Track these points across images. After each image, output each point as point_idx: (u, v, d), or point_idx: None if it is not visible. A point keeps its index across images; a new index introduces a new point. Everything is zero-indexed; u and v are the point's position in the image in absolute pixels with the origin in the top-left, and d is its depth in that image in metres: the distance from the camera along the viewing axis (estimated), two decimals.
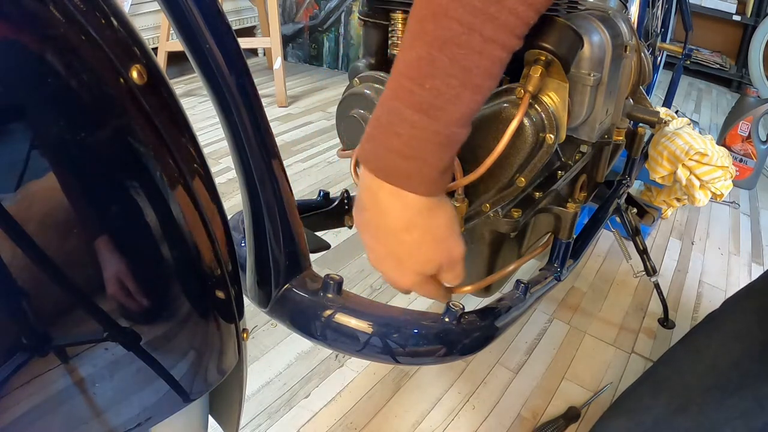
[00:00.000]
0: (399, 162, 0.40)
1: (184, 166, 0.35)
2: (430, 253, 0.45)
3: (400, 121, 0.39)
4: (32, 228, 0.28)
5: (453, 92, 0.38)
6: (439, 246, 0.45)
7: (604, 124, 0.69)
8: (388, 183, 0.41)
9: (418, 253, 0.45)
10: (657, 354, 1.14)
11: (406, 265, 0.45)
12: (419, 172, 0.40)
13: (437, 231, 0.44)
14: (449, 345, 0.53)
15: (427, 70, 0.38)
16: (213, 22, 0.38)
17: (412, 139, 0.39)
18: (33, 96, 0.28)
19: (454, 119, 0.39)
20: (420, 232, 0.43)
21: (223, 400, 0.51)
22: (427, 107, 0.38)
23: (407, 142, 0.39)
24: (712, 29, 3.37)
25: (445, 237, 0.45)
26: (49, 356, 0.31)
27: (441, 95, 0.38)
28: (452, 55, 0.37)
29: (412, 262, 0.45)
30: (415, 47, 0.38)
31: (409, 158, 0.40)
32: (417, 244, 0.44)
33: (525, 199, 0.68)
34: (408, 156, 0.40)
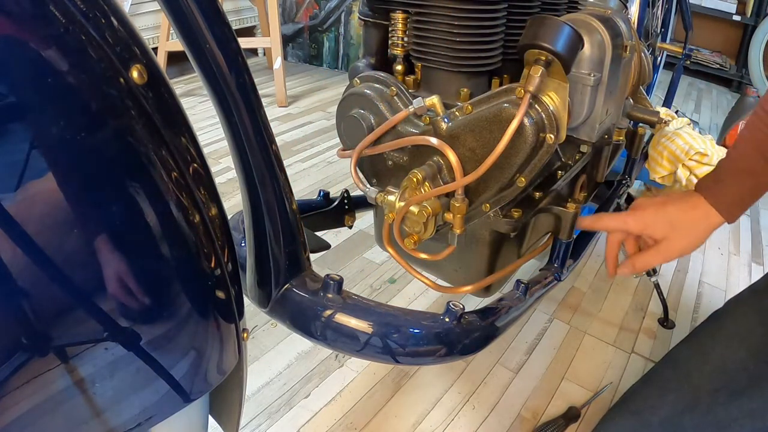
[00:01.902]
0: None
1: (184, 166, 0.35)
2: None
3: None
4: (32, 228, 0.28)
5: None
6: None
7: (604, 124, 0.69)
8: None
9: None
10: (657, 354, 1.14)
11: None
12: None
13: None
14: (449, 345, 0.53)
15: None
16: (213, 22, 0.38)
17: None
18: (33, 96, 0.28)
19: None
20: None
21: (223, 400, 0.51)
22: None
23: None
24: (712, 29, 3.36)
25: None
26: (49, 356, 0.31)
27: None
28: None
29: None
30: None
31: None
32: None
33: (525, 199, 0.68)
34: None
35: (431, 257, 0.64)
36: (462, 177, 0.57)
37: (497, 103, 0.55)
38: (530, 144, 0.54)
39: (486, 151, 0.56)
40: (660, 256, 0.66)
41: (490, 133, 0.56)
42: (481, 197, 0.60)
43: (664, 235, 0.65)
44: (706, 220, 0.66)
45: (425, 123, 0.60)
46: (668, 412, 0.61)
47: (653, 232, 0.66)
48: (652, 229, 0.66)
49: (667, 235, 0.65)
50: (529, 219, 0.70)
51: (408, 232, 0.60)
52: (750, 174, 0.63)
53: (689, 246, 0.66)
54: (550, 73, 0.53)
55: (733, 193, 0.64)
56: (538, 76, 0.52)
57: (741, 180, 0.64)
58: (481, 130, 0.56)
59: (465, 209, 0.59)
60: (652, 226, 0.66)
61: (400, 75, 0.67)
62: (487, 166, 0.54)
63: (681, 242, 0.65)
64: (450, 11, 0.59)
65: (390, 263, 1.33)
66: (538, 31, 0.51)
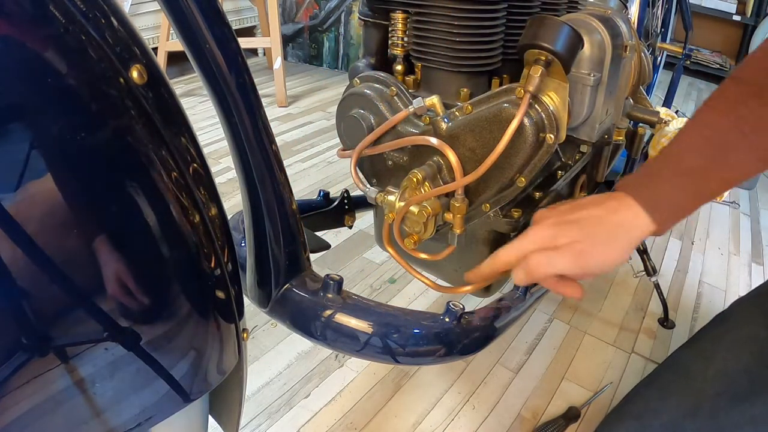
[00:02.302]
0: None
1: (184, 166, 0.35)
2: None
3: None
4: (32, 228, 0.28)
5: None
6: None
7: (604, 124, 0.69)
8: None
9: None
10: (657, 354, 1.14)
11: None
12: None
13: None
14: (449, 345, 0.53)
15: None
16: (213, 22, 0.38)
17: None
18: (33, 96, 0.28)
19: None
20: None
21: (223, 400, 0.51)
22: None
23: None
24: (712, 29, 3.36)
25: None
26: (49, 356, 0.31)
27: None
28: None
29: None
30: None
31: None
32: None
33: (525, 199, 0.68)
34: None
35: (431, 257, 0.64)
36: (462, 177, 0.57)
37: (497, 103, 0.55)
38: (530, 144, 0.54)
39: (486, 151, 0.56)
40: (569, 257, 0.49)
41: (490, 133, 0.56)
42: (481, 197, 0.60)
43: (574, 239, 0.50)
44: (633, 225, 0.50)
45: (425, 123, 0.60)
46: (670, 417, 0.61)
47: (558, 242, 0.50)
48: (556, 240, 0.50)
49: (579, 239, 0.50)
50: (529, 219, 0.70)
51: (408, 232, 0.60)
52: (694, 175, 0.50)
53: (610, 259, 0.50)
54: (550, 73, 0.53)
55: (672, 196, 0.50)
56: (538, 76, 0.52)
57: (682, 182, 0.50)
58: (481, 130, 0.56)
59: (465, 209, 0.59)
60: (553, 237, 0.50)
61: (400, 75, 0.67)
62: (487, 166, 0.54)
63: (599, 252, 0.50)
64: (450, 11, 0.59)
65: (390, 263, 1.33)
66: (538, 31, 0.51)
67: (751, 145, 0.49)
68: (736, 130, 0.50)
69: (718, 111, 0.51)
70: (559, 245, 0.50)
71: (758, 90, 0.50)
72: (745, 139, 0.49)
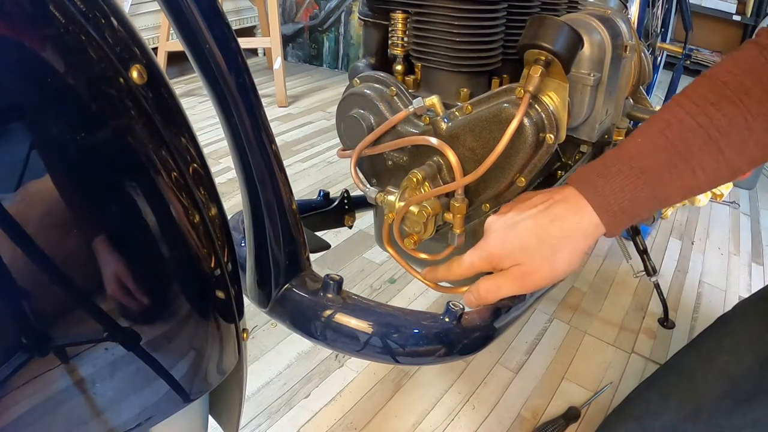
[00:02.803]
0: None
1: (184, 166, 0.35)
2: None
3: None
4: (32, 228, 0.28)
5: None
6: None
7: (604, 124, 0.69)
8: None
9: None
10: (657, 354, 1.14)
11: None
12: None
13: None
14: (449, 345, 0.53)
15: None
16: (213, 22, 0.38)
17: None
18: (33, 96, 0.28)
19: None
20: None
21: (223, 400, 0.51)
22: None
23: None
24: (712, 29, 3.36)
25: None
26: (49, 356, 0.31)
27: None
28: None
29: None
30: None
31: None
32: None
33: None
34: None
35: (431, 257, 0.64)
36: (462, 177, 0.57)
37: (497, 103, 0.55)
38: (530, 144, 0.54)
39: (486, 151, 0.56)
40: (515, 283, 0.49)
41: (490, 133, 0.56)
42: (481, 197, 0.60)
43: (516, 263, 0.49)
44: (580, 231, 0.47)
45: (425, 123, 0.60)
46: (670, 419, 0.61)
47: (503, 264, 0.50)
48: (502, 262, 0.50)
49: (521, 261, 0.49)
50: None
51: (408, 232, 0.60)
52: (651, 178, 0.46)
53: (557, 272, 0.49)
54: (549, 73, 0.53)
55: (624, 197, 0.46)
56: (537, 76, 0.52)
57: (637, 183, 0.46)
58: (481, 130, 0.56)
59: (465, 209, 0.59)
60: (500, 258, 0.50)
61: (400, 75, 0.67)
62: (487, 166, 0.54)
63: (544, 269, 0.48)
64: (450, 11, 0.59)
65: (390, 263, 1.33)
66: (538, 31, 0.51)
67: (719, 150, 0.45)
68: (702, 132, 0.45)
69: (686, 109, 0.46)
70: (504, 268, 0.50)
71: (733, 92, 0.45)
72: (713, 144, 0.45)
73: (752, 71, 0.45)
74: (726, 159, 0.46)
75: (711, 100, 0.46)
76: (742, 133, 0.45)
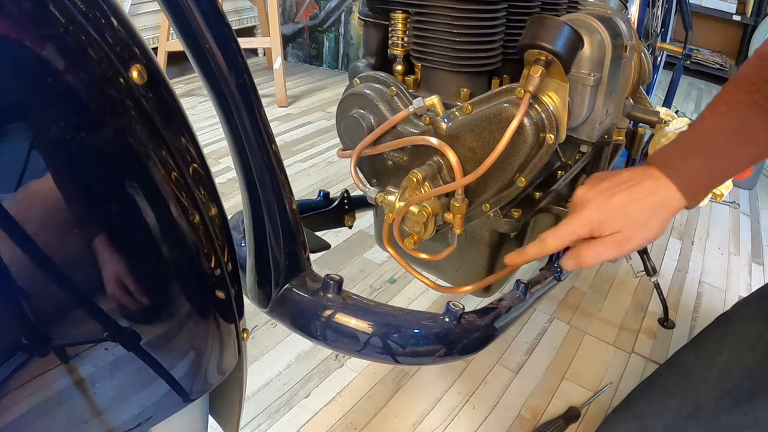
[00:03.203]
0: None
1: (184, 166, 0.35)
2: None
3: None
4: (32, 228, 0.28)
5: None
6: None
7: (604, 124, 0.69)
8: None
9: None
10: (657, 354, 1.14)
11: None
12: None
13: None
14: (449, 345, 0.53)
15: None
16: (213, 22, 0.38)
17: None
18: (33, 96, 0.28)
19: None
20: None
21: (223, 400, 0.51)
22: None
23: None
24: (712, 29, 3.36)
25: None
26: (50, 356, 0.31)
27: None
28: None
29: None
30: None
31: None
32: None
33: (525, 199, 0.68)
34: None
35: (431, 257, 0.64)
36: (462, 177, 0.57)
37: (497, 103, 0.55)
38: (530, 144, 0.54)
39: (486, 151, 0.56)
40: (614, 248, 0.56)
41: (490, 133, 0.56)
42: (481, 197, 0.60)
43: (617, 230, 0.55)
44: (667, 203, 0.56)
45: (425, 123, 0.60)
46: (671, 418, 0.61)
47: (604, 231, 0.56)
48: (603, 228, 0.55)
49: (621, 228, 0.55)
50: (529, 219, 0.70)
51: (408, 232, 0.60)
52: (722, 154, 0.54)
53: (649, 237, 0.56)
54: (550, 73, 0.53)
55: (703, 174, 0.55)
56: (537, 76, 0.52)
57: (711, 160, 0.55)
58: (481, 130, 0.56)
59: (465, 209, 0.59)
60: (600, 224, 0.56)
61: (400, 75, 0.67)
62: (487, 166, 0.54)
63: (640, 235, 0.55)
64: (450, 11, 0.59)
65: (390, 263, 1.33)
66: (538, 31, 0.51)
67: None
68: (759, 108, 0.52)
69: (743, 89, 0.54)
70: (604, 235, 0.55)
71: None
72: (767, 117, 0.52)
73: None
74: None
75: (765, 77, 0.53)
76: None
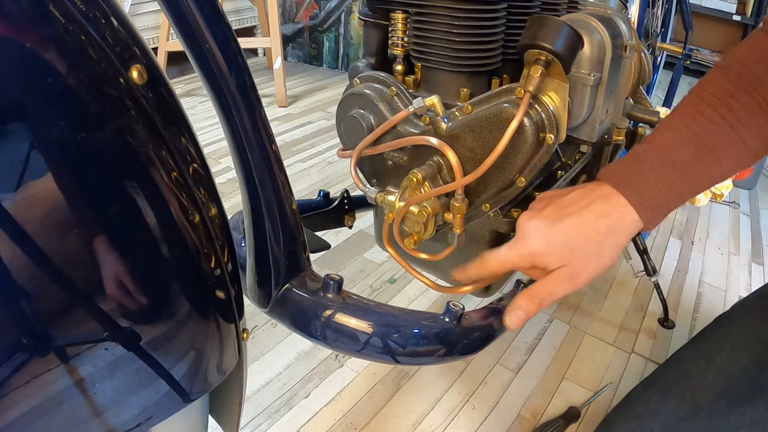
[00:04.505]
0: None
1: (184, 166, 0.35)
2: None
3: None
4: (32, 228, 0.28)
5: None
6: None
7: (604, 124, 0.69)
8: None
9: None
10: (657, 354, 1.14)
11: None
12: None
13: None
14: (449, 345, 0.53)
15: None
16: (213, 22, 0.38)
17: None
18: (33, 96, 0.28)
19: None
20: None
21: (223, 400, 0.51)
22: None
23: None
24: (712, 29, 3.36)
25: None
26: (49, 356, 0.31)
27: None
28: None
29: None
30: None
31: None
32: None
33: (525, 199, 0.68)
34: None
35: (431, 257, 0.64)
36: (462, 177, 0.57)
37: (497, 103, 0.55)
38: (530, 144, 0.54)
39: (486, 151, 0.56)
40: (566, 284, 0.49)
41: (490, 133, 0.56)
42: (481, 197, 0.60)
43: (563, 263, 0.49)
44: (622, 226, 0.49)
45: (425, 123, 0.60)
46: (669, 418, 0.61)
47: (549, 264, 0.49)
48: (547, 261, 0.49)
49: (569, 261, 0.48)
50: None
51: (408, 232, 0.60)
52: (683, 171, 0.48)
53: (603, 266, 0.49)
54: (550, 73, 0.53)
55: (659, 191, 0.48)
56: (537, 76, 0.52)
57: (670, 177, 0.48)
58: (481, 130, 0.56)
59: (465, 209, 0.59)
60: (543, 257, 0.49)
61: (400, 75, 0.67)
62: (486, 166, 0.54)
63: (590, 267, 0.48)
64: (450, 11, 0.59)
65: (390, 263, 1.33)
66: (538, 31, 0.51)
67: (740, 139, 0.48)
68: (725, 123, 0.48)
69: (707, 102, 0.49)
70: (550, 268, 0.49)
71: (748, 83, 0.48)
72: (735, 134, 0.48)
73: (762, 60, 0.49)
74: (747, 146, 0.49)
75: (729, 91, 0.49)
76: (759, 121, 0.48)
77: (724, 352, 0.63)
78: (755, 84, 0.48)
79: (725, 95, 0.49)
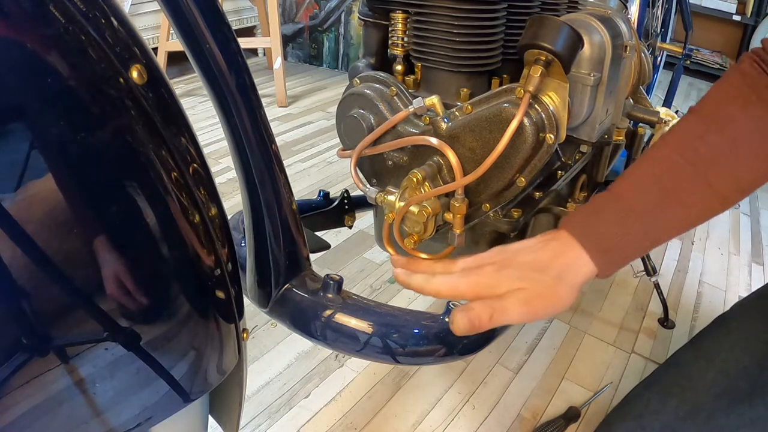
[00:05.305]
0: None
1: (184, 166, 0.35)
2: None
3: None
4: (32, 228, 0.28)
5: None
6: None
7: (604, 124, 0.69)
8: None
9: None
10: (657, 354, 1.14)
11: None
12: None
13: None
14: (449, 345, 0.53)
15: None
16: (213, 22, 0.38)
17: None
18: (33, 96, 0.28)
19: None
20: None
21: (223, 400, 0.51)
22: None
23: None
24: (712, 29, 3.36)
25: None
26: (49, 356, 0.31)
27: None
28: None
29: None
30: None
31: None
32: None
33: (525, 199, 0.68)
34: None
35: (431, 257, 0.64)
36: (462, 177, 0.57)
37: (497, 103, 0.55)
38: (530, 144, 0.54)
39: (486, 151, 0.56)
40: (521, 306, 0.46)
41: (490, 133, 0.56)
42: (481, 197, 0.60)
43: (520, 287, 0.46)
44: (575, 267, 0.47)
45: (425, 123, 0.60)
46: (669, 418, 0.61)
47: (496, 291, 0.47)
48: (496, 289, 0.47)
49: (526, 285, 0.46)
50: (529, 219, 0.70)
51: (408, 232, 0.60)
52: (643, 216, 0.46)
53: (558, 302, 0.46)
54: (549, 73, 0.53)
55: (618, 238, 0.46)
56: (538, 76, 0.52)
57: (629, 223, 0.46)
58: (481, 130, 0.56)
59: (465, 209, 0.59)
60: (491, 287, 0.47)
61: (400, 75, 0.67)
62: (486, 166, 0.54)
63: (549, 297, 0.46)
64: (450, 11, 0.59)
65: (390, 263, 1.33)
66: (538, 31, 0.51)
67: (707, 183, 0.46)
68: (689, 167, 0.46)
69: (673, 146, 0.48)
70: (501, 293, 0.46)
71: (719, 123, 0.46)
72: (700, 177, 0.46)
73: (735, 99, 0.47)
74: (714, 191, 0.46)
75: (697, 133, 0.47)
76: (729, 162, 0.46)
77: (724, 352, 0.63)
78: (727, 123, 0.46)
79: (693, 138, 0.47)
